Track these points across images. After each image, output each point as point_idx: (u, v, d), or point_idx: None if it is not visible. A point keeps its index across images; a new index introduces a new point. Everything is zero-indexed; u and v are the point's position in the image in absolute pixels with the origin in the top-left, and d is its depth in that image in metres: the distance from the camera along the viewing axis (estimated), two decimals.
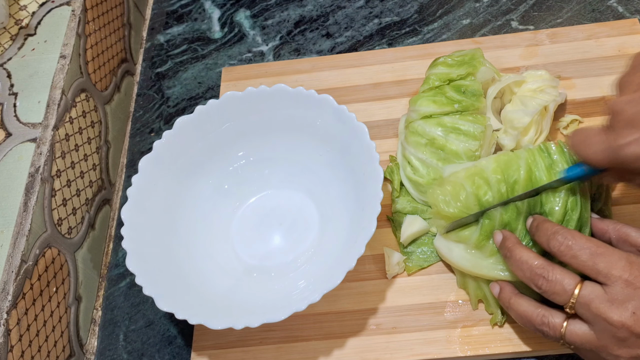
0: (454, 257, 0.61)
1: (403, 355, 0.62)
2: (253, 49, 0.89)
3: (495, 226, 0.58)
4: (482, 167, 0.59)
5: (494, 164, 0.58)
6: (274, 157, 0.72)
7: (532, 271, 0.53)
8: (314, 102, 0.67)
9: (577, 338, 0.51)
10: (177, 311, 0.57)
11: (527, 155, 0.58)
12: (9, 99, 0.70)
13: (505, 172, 0.57)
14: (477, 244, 0.58)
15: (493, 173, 0.58)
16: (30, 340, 0.59)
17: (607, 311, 0.48)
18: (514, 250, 0.55)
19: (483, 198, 0.58)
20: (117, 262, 0.75)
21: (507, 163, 0.58)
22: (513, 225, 0.57)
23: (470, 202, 0.58)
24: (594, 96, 0.75)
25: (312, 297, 0.56)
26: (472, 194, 0.58)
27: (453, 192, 0.59)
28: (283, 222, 0.71)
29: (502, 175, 0.57)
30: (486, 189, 0.58)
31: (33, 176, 0.64)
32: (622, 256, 0.50)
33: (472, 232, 0.59)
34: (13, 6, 0.77)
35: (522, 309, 0.55)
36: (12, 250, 0.59)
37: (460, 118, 0.66)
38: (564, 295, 0.51)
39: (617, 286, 0.49)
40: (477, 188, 0.58)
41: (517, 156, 0.58)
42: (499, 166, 0.58)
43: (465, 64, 0.69)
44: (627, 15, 0.82)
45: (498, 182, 0.57)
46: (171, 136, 0.67)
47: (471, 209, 0.58)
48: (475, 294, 0.62)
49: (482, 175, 0.58)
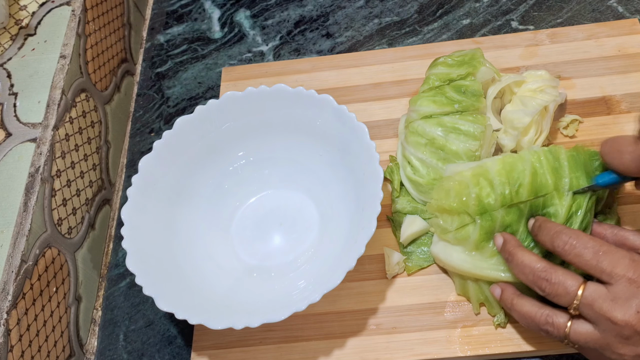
0: (454, 260, 0.60)
1: (403, 355, 0.62)
2: (253, 49, 0.89)
3: (495, 227, 0.58)
4: (487, 168, 0.58)
5: (499, 165, 0.58)
6: (273, 157, 0.72)
7: (535, 274, 0.53)
8: (313, 102, 0.67)
9: (582, 337, 0.51)
10: (177, 311, 0.57)
11: (532, 158, 0.57)
12: (9, 99, 0.70)
13: (510, 175, 0.57)
14: (476, 244, 0.58)
15: (497, 175, 0.57)
16: (30, 340, 0.59)
17: (611, 310, 0.48)
18: (516, 254, 0.55)
19: (485, 200, 0.57)
20: (117, 262, 0.75)
21: (512, 165, 0.57)
22: (514, 227, 0.57)
23: (471, 201, 0.58)
24: (594, 96, 0.75)
25: (312, 297, 0.56)
26: (475, 194, 0.58)
27: (457, 188, 0.59)
28: (283, 222, 0.71)
29: (507, 178, 0.57)
30: (489, 191, 0.57)
31: (33, 176, 0.64)
32: (626, 255, 0.50)
33: (470, 232, 0.59)
34: (13, 6, 0.77)
35: (525, 309, 0.55)
36: (12, 250, 0.59)
37: (460, 118, 0.66)
38: (567, 297, 0.51)
39: (621, 284, 0.49)
40: (480, 189, 0.58)
41: (522, 158, 0.58)
42: (503, 168, 0.57)
43: (465, 64, 0.69)
44: (627, 15, 0.82)
45: (502, 185, 0.57)
46: (171, 136, 0.67)
47: (470, 207, 0.58)
48: (476, 298, 0.62)
49: (487, 176, 0.58)
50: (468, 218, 0.59)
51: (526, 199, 0.56)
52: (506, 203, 0.57)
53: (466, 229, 0.59)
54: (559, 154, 0.58)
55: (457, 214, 0.59)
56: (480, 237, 0.58)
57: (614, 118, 0.73)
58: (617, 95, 0.74)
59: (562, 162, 0.57)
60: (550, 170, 0.57)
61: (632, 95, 0.74)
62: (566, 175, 0.57)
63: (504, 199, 0.57)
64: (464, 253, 0.60)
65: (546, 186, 0.56)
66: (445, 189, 0.60)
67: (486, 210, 0.57)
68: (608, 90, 0.75)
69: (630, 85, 0.75)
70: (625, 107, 0.73)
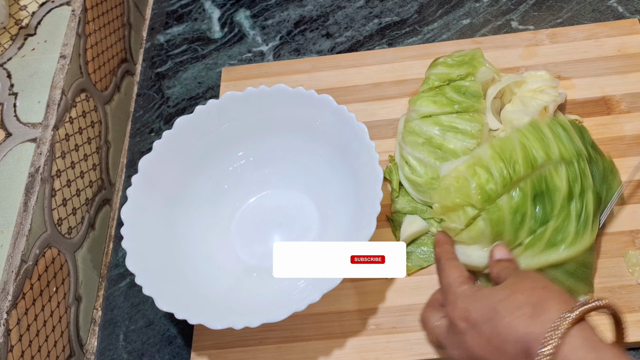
0: (474, 259, 0.60)
1: (403, 355, 0.62)
2: (253, 49, 0.89)
3: (504, 215, 0.57)
4: (480, 156, 0.59)
5: (490, 150, 0.59)
6: (273, 157, 0.72)
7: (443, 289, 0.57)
8: (313, 102, 0.67)
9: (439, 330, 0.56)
10: (177, 311, 0.57)
11: (518, 135, 0.59)
12: (9, 99, 0.70)
13: (503, 156, 0.58)
14: (492, 238, 0.59)
15: (492, 160, 0.58)
16: (30, 340, 0.59)
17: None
18: (444, 265, 0.58)
19: (486, 187, 0.57)
20: (117, 262, 0.75)
21: (502, 147, 0.58)
22: (522, 209, 0.57)
23: (473, 192, 0.58)
24: (594, 96, 0.75)
25: (312, 297, 0.56)
26: (475, 184, 0.58)
27: (456, 183, 0.59)
28: (283, 222, 0.71)
29: (501, 159, 0.58)
30: (487, 177, 0.58)
31: (33, 176, 0.64)
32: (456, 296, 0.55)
33: (482, 227, 0.58)
34: (13, 6, 0.77)
35: (442, 275, 0.58)
36: (12, 250, 0.59)
37: (457, 117, 0.66)
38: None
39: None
40: (479, 178, 0.58)
41: (509, 138, 0.59)
42: (495, 151, 0.58)
43: (465, 64, 0.69)
44: (627, 15, 0.82)
45: (498, 167, 0.58)
46: (171, 136, 0.67)
47: (473, 198, 0.58)
48: None
49: (482, 164, 0.58)
50: (473, 210, 0.58)
51: (524, 175, 0.57)
52: (507, 184, 0.57)
53: (478, 225, 0.59)
54: (540, 126, 0.60)
55: (462, 207, 0.59)
56: (493, 229, 0.58)
57: (613, 118, 0.73)
58: (617, 95, 0.74)
59: (546, 133, 0.59)
60: (538, 142, 0.59)
61: (632, 95, 0.74)
62: (552, 143, 0.59)
63: (504, 180, 0.57)
64: (482, 250, 0.60)
65: (538, 157, 0.58)
66: (444, 187, 0.60)
67: (490, 197, 0.57)
68: (608, 90, 0.75)
69: (630, 85, 0.75)
70: (625, 107, 0.73)
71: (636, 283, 0.63)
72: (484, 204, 0.57)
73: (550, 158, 0.58)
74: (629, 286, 0.63)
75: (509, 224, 0.58)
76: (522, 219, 0.57)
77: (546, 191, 0.58)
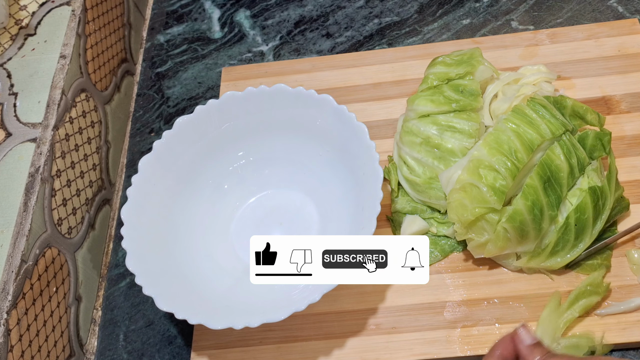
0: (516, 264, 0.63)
1: (403, 355, 0.62)
2: (253, 49, 0.89)
3: (524, 214, 0.58)
4: (479, 157, 0.59)
5: (486, 148, 0.59)
6: (273, 157, 0.72)
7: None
8: (313, 102, 0.67)
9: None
10: (177, 311, 0.57)
11: (507, 125, 0.60)
12: (9, 99, 0.70)
13: (501, 149, 0.59)
14: (518, 240, 0.60)
15: (492, 156, 0.59)
16: (30, 340, 0.59)
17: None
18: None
19: (497, 184, 0.58)
20: (117, 262, 0.75)
21: (496, 140, 0.60)
22: (537, 198, 0.58)
23: (488, 196, 0.58)
24: (594, 96, 0.75)
25: (312, 296, 0.56)
26: (486, 187, 0.58)
27: (468, 195, 0.59)
28: (283, 222, 0.71)
29: (500, 153, 0.59)
30: (495, 175, 0.58)
31: (33, 176, 0.64)
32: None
33: (506, 233, 0.59)
34: (13, 6, 0.77)
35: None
36: (12, 250, 0.59)
37: (455, 116, 0.66)
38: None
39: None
40: (486, 179, 0.58)
41: (500, 130, 0.60)
42: (492, 147, 0.59)
43: (463, 63, 0.69)
44: (627, 15, 0.82)
45: (501, 162, 0.58)
46: (171, 136, 0.67)
47: (490, 202, 0.58)
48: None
49: (484, 164, 0.59)
50: (495, 214, 0.59)
51: (528, 159, 0.59)
52: (515, 174, 0.58)
53: (501, 233, 0.59)
54: (523, 110, 0.62)
55: (483, 217, 0.59)
56: (517, 232, 0.59)
57: (614, 118, 0.73)
58: (617, 95, 0.74)
59: (531, 115, 0.61)
60: (527, 125, 0.60)
61: (632, 95, 0.74)
62: (540, 122, 0.61)
63: (511, 172, 0.58)
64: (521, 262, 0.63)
65: (534, 139, 0.59)
66: (457, 204, 0.60)
67: (503, 193, 0.58)
68: (608, 90, 0.75)
69: (630, 85, 0.75)
70: (625, 107, 0.73)
71: (638, 282, 0.63)
72: (501, 202, 0.58)
73: (544, 137, 0.60)
74: (629, 286, 0.63)
75: (530, 223, 0.59)
76: (541, 212, 0.59)
77: (552, 175, 0.59)
